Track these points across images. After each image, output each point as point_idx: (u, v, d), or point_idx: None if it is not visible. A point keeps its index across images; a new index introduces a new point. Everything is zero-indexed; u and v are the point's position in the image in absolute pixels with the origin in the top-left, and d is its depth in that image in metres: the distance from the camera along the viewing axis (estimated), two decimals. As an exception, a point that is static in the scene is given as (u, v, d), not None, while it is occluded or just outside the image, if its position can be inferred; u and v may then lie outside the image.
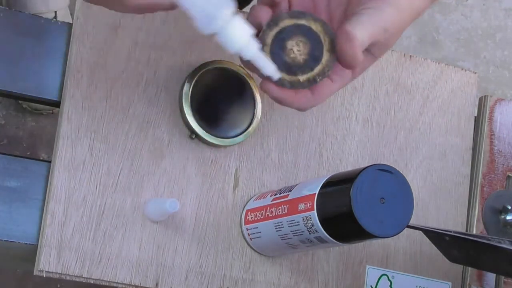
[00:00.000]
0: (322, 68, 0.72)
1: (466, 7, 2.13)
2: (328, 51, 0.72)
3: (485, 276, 0.98)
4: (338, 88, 0.74)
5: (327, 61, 0.72)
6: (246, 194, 0.89)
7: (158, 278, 0.84)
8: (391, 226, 0.74)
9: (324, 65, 0.72)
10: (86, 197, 0.82)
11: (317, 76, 0.72)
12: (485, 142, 1.01)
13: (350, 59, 0.70)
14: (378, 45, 0.73)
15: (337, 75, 0.73)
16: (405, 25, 0.73)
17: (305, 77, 0.72)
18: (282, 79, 0.71)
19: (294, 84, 0.72)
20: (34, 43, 0.84)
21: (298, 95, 0.72)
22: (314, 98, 0.73)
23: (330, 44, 0.72)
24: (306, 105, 0.73)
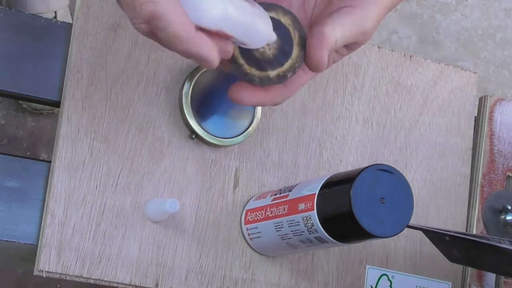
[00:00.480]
0: (292, 63, 0.68)
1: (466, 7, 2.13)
2: (298, 46, 0.68)
3: (485, 276, 0.98)
4: (309, 79, 0.72)
5: (297, 56, 0.68)
6: (246, 194, 0.89)
7: (158, 278, 0.84)
8: (391, 226, 0.74)
9: (294, 60, 0.68)
10: (86, 197, 0.82)
11: (287, 72, 0.68)
12: (485, 142, 1.01)
13: (315, 65, 0.67)
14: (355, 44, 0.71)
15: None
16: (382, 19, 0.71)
17: (275, 72, 0.68)
18: (252, 75, 0.68)
19: (264, 80, 0.68)
20: (34, 43, 0.84)
21: (270, 93, 0.70)
22: (287, 90, 0.71)
23: (300, 39, 0.68)
24: (280, 100, 0.71)
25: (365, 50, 0.96)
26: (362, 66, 0.96)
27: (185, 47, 0.61)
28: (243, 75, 0.68)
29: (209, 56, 0.62)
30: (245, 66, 0.68)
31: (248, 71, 0.68)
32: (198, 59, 0.63)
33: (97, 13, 0.85)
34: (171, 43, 0.61)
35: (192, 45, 0.61)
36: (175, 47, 0.61)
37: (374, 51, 0.97)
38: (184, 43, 0.61)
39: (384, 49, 0.98)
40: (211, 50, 0.62)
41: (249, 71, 0.68)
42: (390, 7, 0.71)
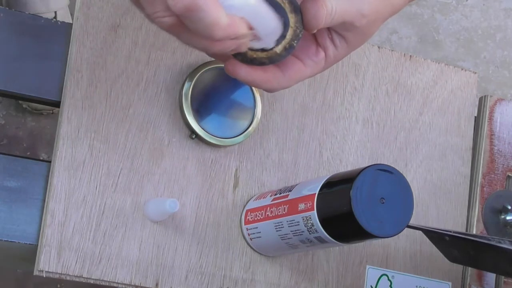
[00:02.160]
0: (293, 31, 0.68)
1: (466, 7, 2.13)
2: (292, 13, 0.68)
3: (485, 276, 0.98)
4: (309, 74, 0.72)
5: (295, 22, 0.68)
6: (246, 194, 0.89)
7: (158, 278, 0.84)
8: (391, 226, 0.74)
9: (294, 27, 0.68)
10: (86, 197, 0.82)
11: (292, 41, 0.68)
12: (485, 142, 1.01)
13: (311, 17, 0.67)
14: (353, 30, 0.70)
15: (309, 58, 0.71)
16: (382, 16, 0.71)
17: (280, 47, 0.68)
18: (260, 58, 0.68)
19: (273, 58, 0.68)
20: (34, 43, 0.84)
21: (267, 74, 0.70)
22: (284, 80, 0.71)
23: (291, 5, 0.68)
24: (275, 86, 0.71)
25: (365, 50, 0.97)
26: (362, 66, 0.96)
27: (223, 33, 0.61)
28: (251, 61, 0.68)
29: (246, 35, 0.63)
30: (250, 53, 0.68)
31: (254, 56, 0.68)
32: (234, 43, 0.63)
33: (97, 13, 0.85)
34: (207, 33, 0.61)
35: (230, 29, 0.62)
36: (212, 36, 0.61)
37: (374, 51, 0.97)
38: (222, 30, 0.61)
39: (384, 49, 0.98)
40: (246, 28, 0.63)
41: (255, 55, 0.68)
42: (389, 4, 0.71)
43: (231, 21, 0.61)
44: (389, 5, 0.71)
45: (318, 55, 0.71)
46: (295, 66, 0.71)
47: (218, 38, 0.62)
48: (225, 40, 0.63)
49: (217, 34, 0.61)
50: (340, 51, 0.72)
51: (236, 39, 0.63)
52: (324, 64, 0.72)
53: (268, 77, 0.70)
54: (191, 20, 0.61)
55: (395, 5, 0.72)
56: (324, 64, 0.72)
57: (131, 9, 0.86)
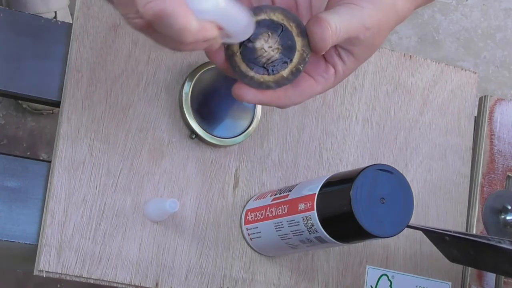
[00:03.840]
0: (300, 54, 0.68)
1: (466, 7, 2.13)
2: (299, 36, 0.68)
3: (485, 276, 0.98)
4: (320, 91, 0.72)
5: (302, 46, 0.68)
6: (246, 194, 0.89)
7: (158, 278, 0.84)
8: (391, 226, 0.74)
9: (301, 51, 0.68)
10: (86, 197, 0.82)
11: (298, 65, 0.68)
12: (485, 142, 1.01)
13: (318, 40, 0.67)
14: (359, 45, 0.70)
15: (319, 75, 0.71)
16: (387, 26, 0.71)
17: (287, 70, 0.68)
18: (267, 82, 0.68)
19: (280, 81, 0.68)
20: (34, 43, 0.84)
21: (278, 93, 0.70)
22: (296, 96, 0.71)
23: (298, 28, 0.68)
24: (288, 102, 0.71)
25: (365, 50, 0.96)
26: (362, 66, 0.96)
27: (193, 38, 0.62)
28: (258, 85, 0.68)
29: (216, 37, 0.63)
30: (257, 76, 0.68)
31: (261, 80, 0.68)
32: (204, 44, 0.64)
33: (97, 13, 0.85)
34: (177, 38, 0.62)
35: (200, 33, 0.62)
36: (182, 40, 0.62)
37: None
38: (192, 35, 0.61)
39: (384, 49, 0.98)
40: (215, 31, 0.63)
41: (262, 79, 0.68)
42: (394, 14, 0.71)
43: (201, 26, 0.62)
44: (393, 14, 0.71)
45: (328, 72, 0.71)
46: (306, 82, 0.71)
47: (188, 42, 0.62)
48: (195, 42, 0.63)
49: (187, 39, 0.62)
50: (348, 66, 0.72)
51: (207, 41, 0.63)
52: (334, 80, 0.72)
53: (278, 96, 0.70)
54: (161, 26, 0.61)
55: (400, 13, 0.72)
56: (334, 79, 0.72)
57: (131, 9, 0.86)
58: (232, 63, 0.69)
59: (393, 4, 0.71)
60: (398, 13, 0.72)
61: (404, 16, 0.73)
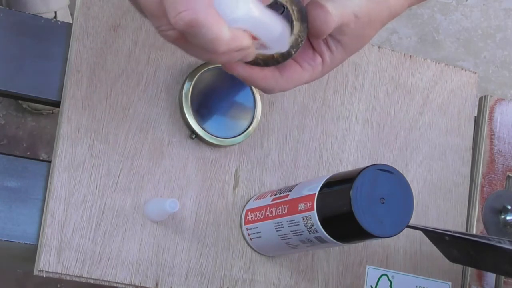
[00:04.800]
0: (295, 39, 0.68)
1: (466, 7, 2.13)
2: (298, 21, 0.68)
3: (485, 276, 0.98)
4: (307, 79, 0.72)
5: (298, 31, 0.68)
6: (246, 194, 0.89)
7: (158, 278, 0.84)
8: (391, 226, 0.74)
9: (296, 35, 0.68)
10: (86, 197, 0.82)
11: (291, 48, 0.68)
12: (485, 142, 1.01)
13: (322, 23, 0.68)
14: (349, 33, 0.70)
15: (307, 63, 0.71)
16: (378, 19, 0.71)
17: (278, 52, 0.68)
18: (256, 57, 0.67)
19: (268, 61, 0.68)
20: (34, 43, 0.84)
21: (264, 72, 0.70)
22: (282, 81, 0.71)
23: (299, 13, 0.68)
24: (273, 86, 0.71)
25: (365, 50, 0.96)
26: (362, 66, 0.96)
27: (226, 47, 0.62)
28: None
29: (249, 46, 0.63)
30: None
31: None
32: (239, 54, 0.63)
33: (97, 13, 0.85)
34: (210, 48, 0.62)
35: (233, 42, 0.62)
36: (215, 50, 0.62)
37: (374, 51, 0.97)
38: (225, 44, 0.61)
39: (384, 49, 0.98)
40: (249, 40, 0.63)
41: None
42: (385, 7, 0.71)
43: (234, 35, 0.62)
44: (385, 8, 0.71)
45: (315, 60, 0.71)
46: (292, 68, 0.71)
47: (221, 52, 0.62)
48: (229, 52, 0.63)
49: (219, 48, 0.61)
50: (336, 55, 0.72)
51: (241, 51, 0.63)
52: (322, 69, 0.72)
53: (266, 75, 0.70)
54: (194, 36, 0.61)
55: (392, 8, 0.72)
56: (321, 69, 0.72)
57: (131, 9, 0.86)
58: None
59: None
60: (390, 8, 0.72)
61: (396, 12, 0.73)
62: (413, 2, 0.75)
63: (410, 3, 0.75)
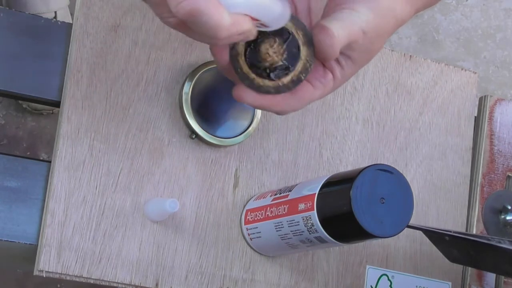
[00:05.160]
0: (303, 64, 0.68)
1: (466, 7, 2.13)
2: (305, 45, 0.68)
3: (485, 276, 0.98)
4: (319, 96, 0.72)
5: (306, 56, 0.68)
6: (246, 194, 0.89)
7: (158, 278, 0.84)
8: (391, 226, 0.74)
9: (304, 60, 0.68)
10: (86, 197, 0.82)
11: (300, 74, 0.68)
12: (485, 142, 1.01)
13: (327, 48, 0.67)
14: (358, 49, 0.70)
15: (318, 81, 0.71)
16: (386, 32, 0.71)
17: (288, 78, 0.68)
18: (266, 86, 0.67)
19: (279, 88, 0.68)
20: (34, 43, 0.84)
21: (277, 98, 0.70)
22: (294, 102, 0.71)
23: (305, 37, 0.68)
24: (287, 108, 0.71)
25: (365, 50, 0.96)
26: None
27: (227, 33, 0.62)
28: (258, 89, 0.68)
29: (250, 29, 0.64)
30: (258, 80, 0.68)
31: (261, 84, 0.68)
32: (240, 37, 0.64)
33: (97, 13, 0.85)
34: (211, 34, 0.62)
35: (234, 27, 0.62)
36: (216, 36, 0.62)
37: (374, 51, 0.97)
38: (226, 30, 0.62)
39: (384, 49, 0.98)
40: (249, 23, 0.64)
41: (262, 83, 0.68)
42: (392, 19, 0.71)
43: (234, 20, 0.62)
44: (392, 19, 0.71)
45: (326, 77, 0.71)
46: (304, 88, 0.71)
47: (223, 37, 0.63)
48: (230, 36, 0.63)
49: (221, 34, 0.62)
50: (347, 70, 0.72)
51: (242, 34, 0.64)
52: (333, 85, 0.72)
53: (277, 101, 0.70)
54: (195, 24, 0.62)
55: (399, 18, 0.72)
56: (332, 84, 0.72)
57: (131, 9, 0.86)
58: (235, 63, 0.68)
59: (392, 8, 0.71)
60: (397, 18, 0.71)
61: (403, 21, 0.73)
62: (419, 8, 0.74)
63: (417, 10, 0.74)
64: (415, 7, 0.74)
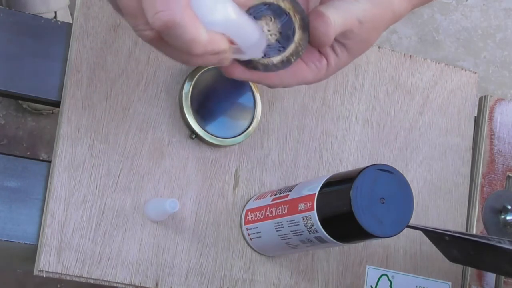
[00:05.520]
0: (295, 47, 0.68)
1: (466, 7, 2.13)
2: (300, 29, 0.68)
3: (485, 276, 0.98)
4: (311, 79, 0.72)
5: (299, 39, 0.68)
6: (246, 194, 0.89)
7: (158, 278, 0.84)
8: (391, 226, 0.74)
9: (297, 43, 0.68)
10: (86, 197, 0.82)
11: (291, 56, 0.68)
12: (485, 142, 1.01)
13: (321, 35, 0.67)
14: (353, 38, 0.70)
15: (313, 64, 0.71)
16: (382, 23, 0.71)
17: (279, 58, 0.68)
18: (255, 62, 0.67)
19: (268, 66, 0.68)
20: (34, 43, 0.84)
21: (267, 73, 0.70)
22: (286, 76, 0.71)
23: (301, 21, 0.68)
24: (276, 82, 0.71)
25: (365, 50, 0.96)
26: (362, 66, 0.96)
27: (203, 49, 0.61)
28: (246, 63, 0.68)
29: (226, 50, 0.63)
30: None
31: (250, 59, 0.68)
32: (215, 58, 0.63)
33: (97, 13, 0.85)
34: (186, 49, 0.61)
35: (210, 45, 0.62)
36: (191, 52, 0.61)
37: (374, 51, 0.97)
38: (202, 46, 0.61)
39: (384, 49, 0.98)
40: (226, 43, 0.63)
41: (252, 59, 0.68)
42: (389, 11, 0.71)
43: (211, 37, 0.61)
44: (389, 12, 0.71)
45: (321, 61, 0.71)
46: (298, 65, 0.71)
47: (198, 54, 0.62)
48: (205, 55, 0.62)
49: (196, 50, 0.61)
50: (341, 59, 0.72)
51: (218, 54, 0.63)
52: (326, 71, 0.72)
53: (267, 75, 0.70)
54: (171, 37, 0.61)
55: (396, 12, 0.72)
56: (326, 71, 0.72)
57: (131, 9, 0.86)
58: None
59: (390, 1, 0.71)
60: (394, 11, 0.72)
61: (400, 15, 0.73)
62: (416, 4, 0.75)
63: (414, 5, 0.74)
64: (412, 2, 0.74)
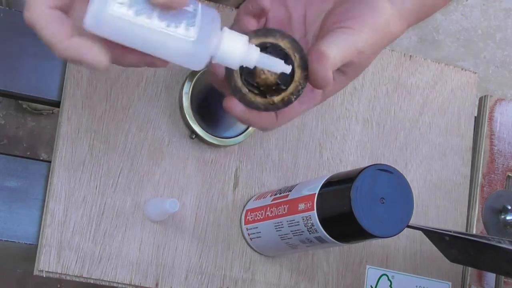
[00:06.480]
0: (295, 86, 0.68)
1: (466, 7, 2.13)
2: (299, 68, 0.68)
3: (485, 276, 0.98)
4: (305, 110, 0.71)
5: (299, 78, 0.68)
6: (246, 194, 0.89)
7: (158, 278, 0.84)
8: (391, 226, 0.74)
9: (297, 82, 0.68)
10: (86, 197, 0.82)
11: (291, 95, 0.68)
12: (485, 142, 1.01)
13: (320, 80, 0.67)
14: (352, 66, 0.70)
15: (306, 97, 0.70)
16: (380, 48, 0.71)
17: (279, 97, 0.68)
18: (256, 103, 0.67)
19: (269, 106, 0.68)
20: (34, 43, 0.84)
21: (261, 115, 0.69)
22: (278, 119, 0.70)
23: (301, 60, 0.68)
24: (269, 127, 0.70)
25: (365, 50, 0.96)
26: (362, 66, 0.96)
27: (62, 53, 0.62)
28: (248, 103, 0.68)
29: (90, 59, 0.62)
30: (249, 95, 0.68)
31: (252, 100, 0.68)
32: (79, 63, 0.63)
33: (97, 13, 0.85)
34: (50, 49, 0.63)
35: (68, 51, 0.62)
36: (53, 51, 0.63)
37: (374, 51, 0.97)
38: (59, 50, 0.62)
39: (384, 49, 0.97)
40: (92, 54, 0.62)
41: (254, 99, 0.68)
42: (387, 36, 0.71)
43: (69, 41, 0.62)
44: (387, 35, 0.71)
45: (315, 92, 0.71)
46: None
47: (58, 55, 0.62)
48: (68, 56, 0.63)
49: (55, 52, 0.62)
50: (338, 84, 0.72)
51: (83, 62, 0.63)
52: (321, 98, 0.72)
53: (262, 119, 0.69)
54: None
55: (393, 34, 0.72)
56: (321, 98, 0.72)
57: (131, 9, 0.86)
58: (229, 76, 0.68)
59: (386, 24, 0.71)
60: (391, 33, 0.72)
61: (396, 36, 0.73)
62: (412, 23, 0.75)
63: (410, 24, 0.74)
64: (407, 22, 0.74)
